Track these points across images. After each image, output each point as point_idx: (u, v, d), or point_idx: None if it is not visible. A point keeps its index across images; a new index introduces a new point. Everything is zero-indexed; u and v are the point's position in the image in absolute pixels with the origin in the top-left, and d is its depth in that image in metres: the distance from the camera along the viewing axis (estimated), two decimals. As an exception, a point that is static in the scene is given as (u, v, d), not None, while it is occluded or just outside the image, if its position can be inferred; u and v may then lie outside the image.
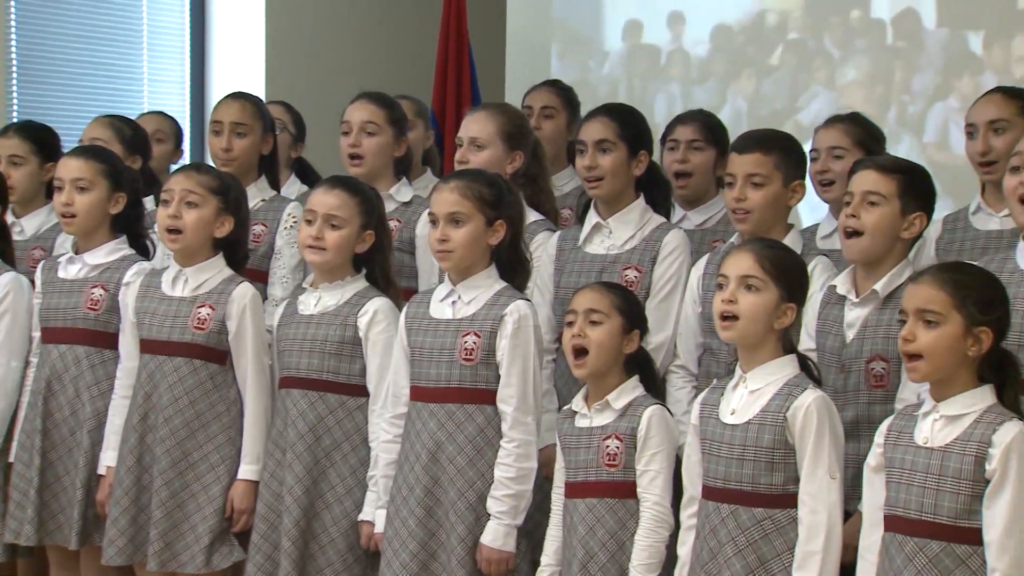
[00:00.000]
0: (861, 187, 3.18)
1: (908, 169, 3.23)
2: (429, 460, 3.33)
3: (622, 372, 3.23)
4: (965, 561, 2.66)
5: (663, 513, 3.11)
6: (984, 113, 3.65)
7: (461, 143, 3.87)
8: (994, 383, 2.73)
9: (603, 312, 3.19)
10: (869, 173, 3.18)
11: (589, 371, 3.21)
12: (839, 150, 3.80)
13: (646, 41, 5.97)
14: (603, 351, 3.18)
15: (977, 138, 3.64)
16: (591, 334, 3.18)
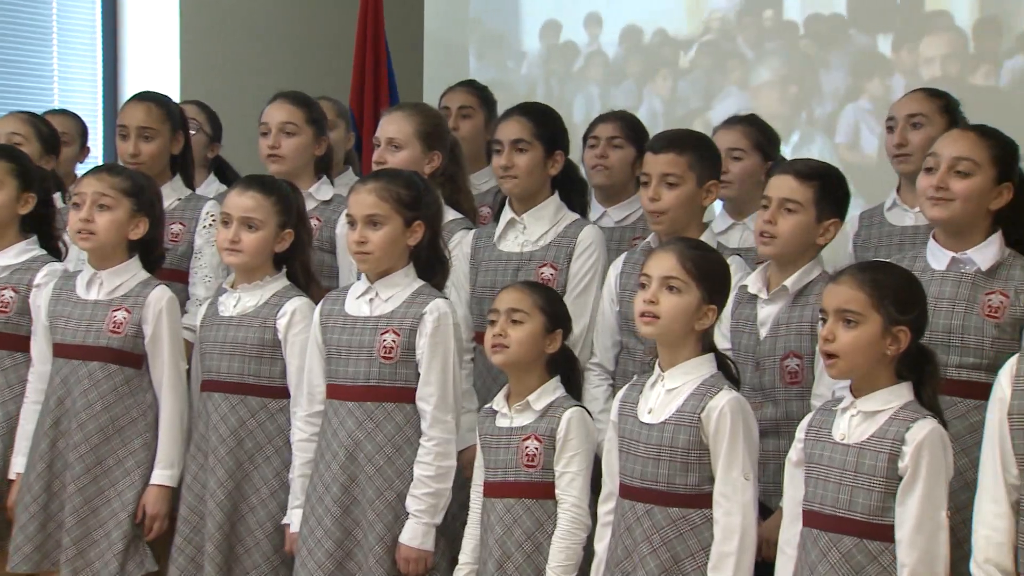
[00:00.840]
0: (778, 193, 3.22)
1: (825, 175, 3.27)
2: (347, 459, 3.32)
3: (544, 372, 3.24)
4: (877, 557, 2.69)
5: (581, 515, 3.13)
6: (904, 108, 3.75)
7: (379, 143, 3.87)
8: (912, 380, 2.77)
9: (525, 311, 3.20)
10: (787, 179, 3.23)
11: (506, 360, 3.21)
12: (737, 151, 3.86)
13: (564, 42, 6.00)
14: (523, 348, 3.20)
15: (896, 131, 3.72)
16: (512, 333, 3.19)
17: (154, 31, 6.20)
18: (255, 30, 6.32)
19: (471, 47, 6.23)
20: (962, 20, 4.91)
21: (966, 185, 3.05)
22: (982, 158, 3.06)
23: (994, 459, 2.68)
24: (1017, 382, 2.66)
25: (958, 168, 3.06)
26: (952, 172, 3.06)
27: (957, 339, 3.04)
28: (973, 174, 3.05)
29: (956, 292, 3.07)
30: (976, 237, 3.09)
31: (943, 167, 3.07)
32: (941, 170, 3.07)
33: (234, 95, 5.42)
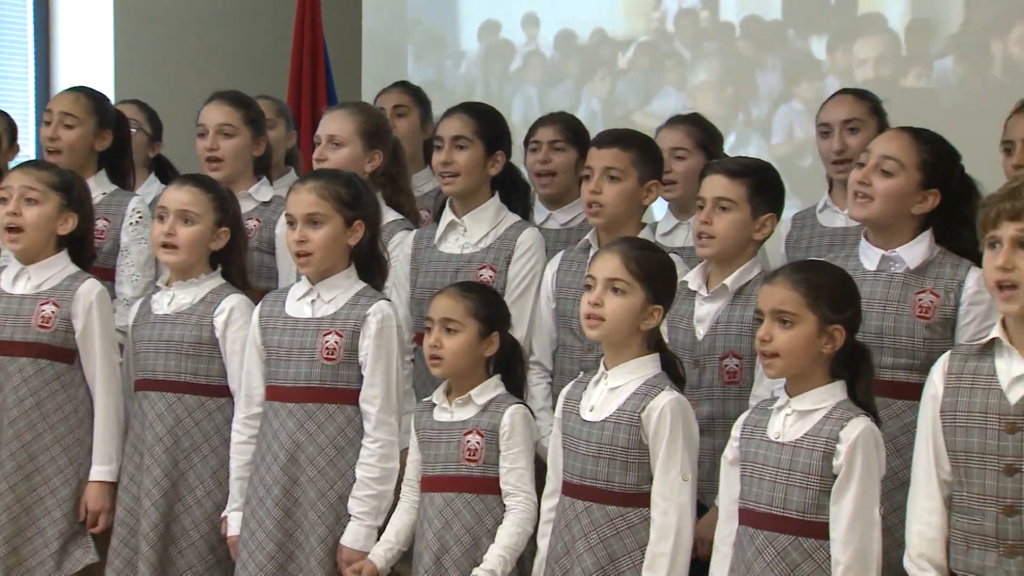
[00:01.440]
0: (712, 193, 3.24)
1: (757, 171, 3.30)
2: (288, 461, 3.30)
3: (484, 372, 3.24)
4: (812, 555, 2.72)
5: (533, 507, 3.13)
6: (838, 113, 3.77)
7: (319, 141, 3.85)
8: (846, 378, 2.80)
9: (458, 321, 3.19)
10: (719, 179, 3.25)
11: (443, 372, 3.22)
12: (681, 151, 3.87)
13: (502, 42, 6.01)
14: (458, 359, 3.19)
15: (832, 137, 3.76)
16: (446, 343, 3.19)
17: (87, 28, 6.14)
18: (190, 27, 6.27)
19: (409, 47, 6.22)
20: (895, 22, 4.98)
21: (887, 185, 3.07)
22: (908, 161, 3.08)
23: (927, 456, 2.71)
24: (948, 379, 2.69)
25: (883, 167, 3.08)
26: (877, 170, 3.09)
27: (889, 340, 3.07)
28: (896, 175, 3.07)
29: (887, 293, 3.10)
30: (903, 237, 3.12)
31: (870, 163, 3.10)
32: (868, 166, 3.10)
33: (169, 93, 5.37)
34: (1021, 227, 2.57)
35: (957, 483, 2.68)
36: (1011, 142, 3.54)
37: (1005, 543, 2.60)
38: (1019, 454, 2.59)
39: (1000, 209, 2.60)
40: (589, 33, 5.75)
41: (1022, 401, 2.60)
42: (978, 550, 2.63)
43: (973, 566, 2.64)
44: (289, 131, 4.60)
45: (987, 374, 2.65)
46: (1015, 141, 3.52)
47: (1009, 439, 2.60)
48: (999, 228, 2.60)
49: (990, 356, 2.66)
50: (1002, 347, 2.65)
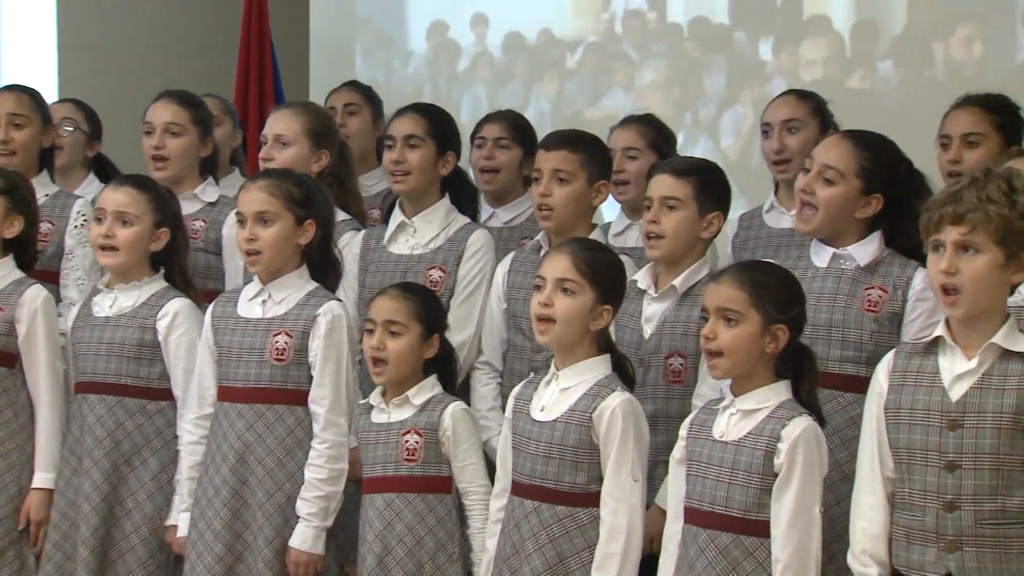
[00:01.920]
0: (659, 192, 3.26)
1: (702, 170, 3.32)
2: (237, 461, 3.29)
3: (421, 373, 3.25)
4: (752, 553, 2.74)
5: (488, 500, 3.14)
6: (778, 113, 3.80)
7: (265, 141, 3.84)
8: (790, 378, 2.83)
9: (401, 323, 3.19)
10: (665, 178, 3.27)
11: (387, 380, 3.22)
12: (633, 151, 3.89)
13: (450, 42, 6.00)
14: (402, 362, 3.20)
15: (772, 137, 3.78)
16: (390, 345, 3.18)
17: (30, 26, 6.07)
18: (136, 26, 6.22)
19: (357, 46, 6.21)
20: (839, 24, 5.02)
21: (827, 194, 3.09)
22: (847, 168, 3.09)
23: (871, 452, 2.74)
24: (893, 377, 2.72)
25: (824, 176, 3.10)
26: (819, 178, 3.11)
27: (838, 333, 3.10)
28: (836, 183, 3.09)
29: (837, 287, 3.12)
30: (851, 239, 3.15)
31: (813, 171, 3.13)
32: (811, 174, 3.12)
33: (115, 93, 5.33)
34: (963, 231, 2.60)
35: (900, 480, 2.70)
36: (948, 136, 3.59)
37: (945, 539, 2.63)
38: (960, 451, 2.62)
39: (942, 213, 2.62)
40: (537, 34, 5.76)
41: (963, 398, 2.63)
42: (919, 546, 2.66)
43: (914, 562, 2.67)
44: (235, 130, 4.57)
45: (930, 372, 2.68)
46: (952, 136, 3.57)
47: (950, 436, 2.63)
48: (941, 232, 2.62)
49: (934, 354, 2.69)
50: (945, 345, 2.68)
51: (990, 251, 2.59)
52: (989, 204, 2.58)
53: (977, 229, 2.59)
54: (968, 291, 2.60)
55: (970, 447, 2.61)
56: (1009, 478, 2.60)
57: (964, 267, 2.60)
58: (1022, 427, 2.60)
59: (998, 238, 2.59)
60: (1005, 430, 2.60)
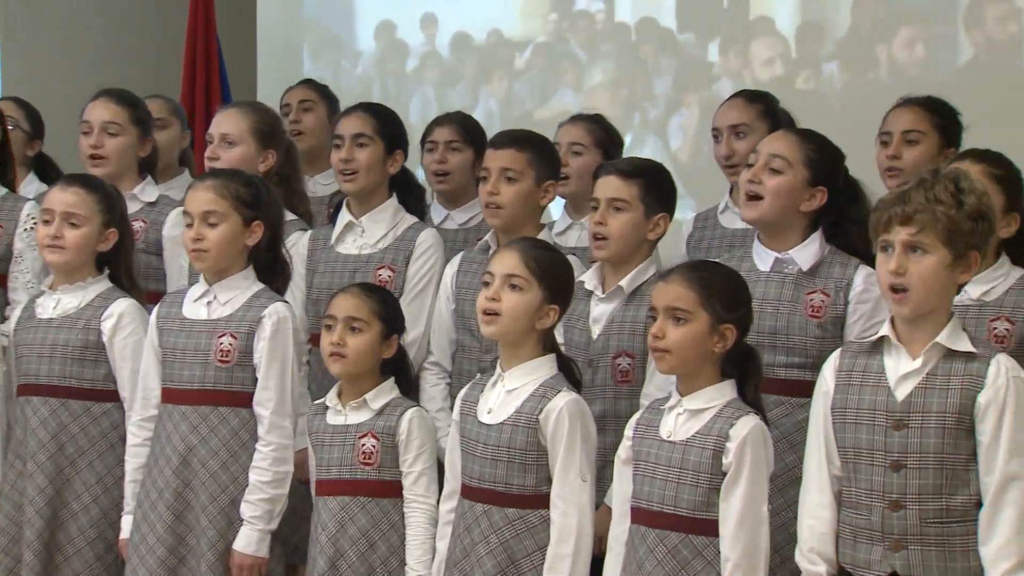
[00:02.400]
0: (606, 194, 3.27)
1: (649, 171, 3.33)
2: (180, 464, 3.27)
3: (378, 375, 3.23)
4: (702, 552, 2.75)
5: (433, 511, 3.13)
6: (727, 118, 3.81)
7: (211, 140, 3.82)
8: (736, 378, 2.84)
9: (363, 320, 3.18)
10: (612, 179, 3.28)
11: (343, 372, 3.20)
12: (578, 146, 3.89)
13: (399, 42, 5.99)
14: (361, 358, 3.18)
15: (722, 142, 3.80)
16: (351, 342, 3.17)
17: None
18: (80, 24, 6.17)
19: (305, 46, 6.18)
20: (785, 26, 5.06)
21: (775, 182, 3.13)
22: (795, 158, 3.13)
23: (819, 451, 2.75)
24: (839, 376, 2.74)
25: (771, 165, 3.14)
26: (766, 168, 3.14)
27: (782, 339, 3.12)
28: (784, 172, 3.13)
29: (780, 293, 3.15)
30: (794, 237, 3.17)
31: (759, 162, 3.15)
32: (757, 165, 3.15)
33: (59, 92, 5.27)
34: (912, 231, 2.62)
35: (846, 478, 2.72)
36: (889, 134, 3.63)
37: (891, 537, 2.65)
38: (905, 451, 2.64)
39: (891, 214, 2.64)
40: (486, 34, 5.76)
41: (908, 398, 2.65)
42: (865, 544, 2.68)
43: (860, 560, 2.68)
44: (183, 131, 4.53)
45: (876, 371, 2.70)
46: (893, 133, 3.61)
47: (896, 436, 2.65)
48: (890, 232, 2.64)
49: (879, 353, 2.71)
50: (890, 345, 2.70)
51: (938, 251, 2.62)
52: (937, 205, 2.61)
53: (925, 229, 2.61)
54: (916, 291, 2.62)
55: (915, 447, 2.63)
56: (953, 477, 2.63)
57: (913, 267, 2.62)
58: (966, 427, 2.62)
59: (945, 238, 2.61)
60: (949, 430, 2.62)
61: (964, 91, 4.32)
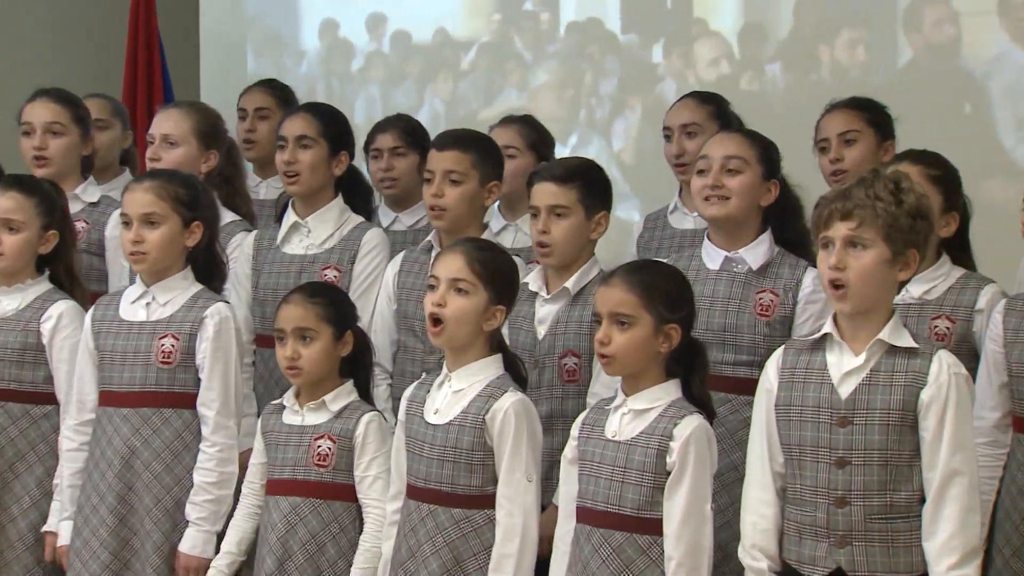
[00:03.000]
0: (544, 201, 3.26)
1: (584, 172, 3.33)
2: (122, 467, 3.24)
3: (338, 376, 3.21)
4: (646, 551, 2.76)
5: (384, 517, 3.11)
6: (678, 117, 3.84)
7: (152, 140, 3.80)
8: (682, 375, 2.85)
9: (312, 328, 3.16)
10: (548, 186, 3.27)
11: (306, 382, 3.18)
12: (511, 149, 3.90)
13: (343, 41, 5.97)
14: (318, 366, 3.16)
15: (673, 141, 3.83)
16: (304, 352, 3.15)
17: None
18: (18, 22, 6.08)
19: (249, 45, 6.14)
20: (728, 27, 5.10)
21: (739, 181, 3.17)
22: (750, 156, 3.19)
23: (762, 448, 2.77)
24: (783, 374, 2.75)
25: (730, 167, 3.18)
26: (724, 171, 3.18)
27: (731, 337, 3.15)
28: (744, 171, 3.18)
29: (729, 291, 3.17)
30: (748, 236, 3.21)
31: (715, 167, 3.18)
32: (714, 170, 3.18)
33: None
34: (852, 227, 2.65)
35: (791, 475, 2.74)
36: (826, 140, 3.67)
37: (836, 534, 2.67)
38: (849, 448, 2.66)
39: (832, 209, 2.67)
40: (431, 34, 5.76)
41: (852, 396, 2.67)
42: (810, 540, 2.70)
43: (805, 556, 2.70)
44: (125, 131, 4.48)
45: (819, 368, 2.72)
46: (830, 138, 3.66)
47: (840, 433, 2.67)
48: (831, 228, 2.67)
49: (822, 351, 2.73)
50: (833, 342, 2.72)
51: (877, 247, 2.64)
52: (877, 201, 2.64)
53: (865, 225, 2.64)
54: (856, 286, 2.65)
55: (859, 444, 2.66)
56: (896, 473, 2.65)
57: (852, 262, 2.65)
58: (909, 423, 2.65)
59: (885, 234, 2.64)
60: (893, 426, 2.65)
61: (904, 92, 4.39)
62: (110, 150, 4.26)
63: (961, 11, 4.62)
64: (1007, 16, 4.53)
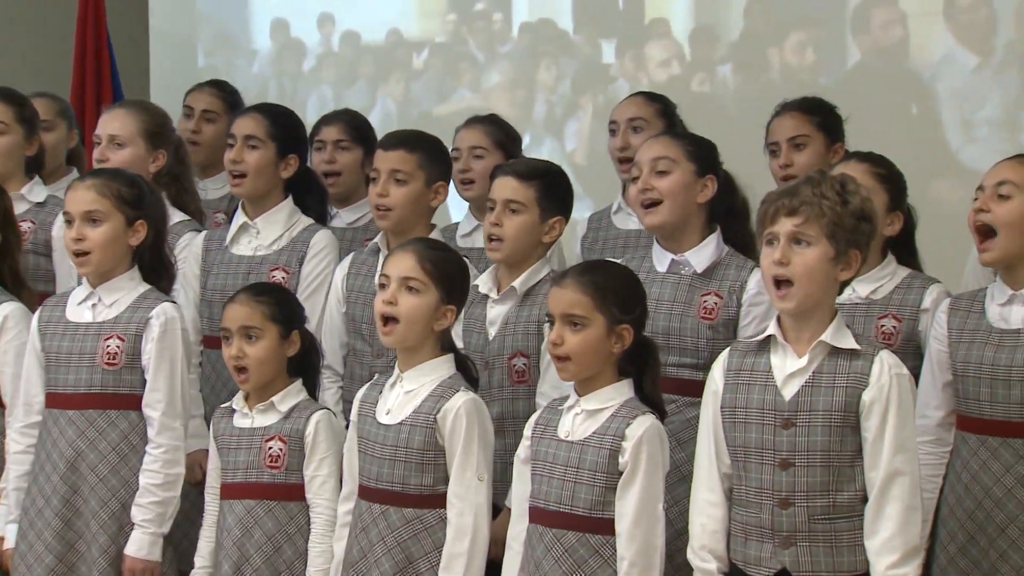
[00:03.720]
0: (502, 195, 3.27)
1: (546, 173, 3.34)
2: (68, 469, 3.22)
3: (285, 375, 3.20)
4: (598, 550, 2.76)
5: (335, 516, 3.10)
6: (625, 112, 3.87)
7: (99, 141, 3.77)
8: (634, 374, 2.86)
9: (257, 327, 3.15)
10: (508, 180, 3.28)
11: (253, 387, 3.18)
12: (479, 150, 3.90)
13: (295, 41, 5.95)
14: (264, 366, 3.15)
15: (618, 135, 3.85)
16: (249, 352, 3.14)
17: None
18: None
19: (199, 44, 6.11)
20: (679, 28, 5.12)
21: (668, 182, 3.17)
22: (677, 155, 3.19)
23: (709, 450, 2.78)
24: (728, 375, 2.77)
25: (657, 168, 3.18)
26: (653, 173, 3.19)
27: (675, 340, 3.16)
28: (672, 171, 3.18)
29: (675, 294, 3.19)
30: (693, 237, 3.22)
31: (645, 171, 3.20)
32: (644, 174, 3.20)
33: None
34: (797, 222, 2.66)
35: (736, 477, 2.75)
36: (776, 143, 3.69)
37: (780, 535, 2.69)
38: (793, 449, 2.68)
39: (778, 206, 2.69)
40: (384, 34, 5.75)
41: (796, 397, 2.69)
42: (756, 541, 2.72)
43: (751, 557, 2.72)
44: (70, 131, 4.44)
45: (763, 370, 2.73)
46: (780, 142, 3.68)
47: (784, 434, 2.69)
48: (776, 224, 2.69)
49: (766, 352, 2.75)
50: (777, 344, 2.74)
51: (821, 244, 2.66)
52: (823, 200, 2.66)
53: (810, 222, 2.66)
54: (799, 283, 2.67)
55: (802, 445, 2.68)
56: (839, 474, 2.67)
57: (796, 259, 2.66)
58: (851, 424, 2.67)
59: (829, 232, 2.66)
60: (835, 427, 2.67)
61: (852, 93, 4.43)
62: (56, 150, 4.21)
63: (908, 13, 4.67)
64: (953, 19, 4.58)
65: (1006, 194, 2.97)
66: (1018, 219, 2.95)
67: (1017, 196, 2.96)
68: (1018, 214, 2.96)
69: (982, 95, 4.54)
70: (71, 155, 4.43)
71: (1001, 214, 2.96)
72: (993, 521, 2.94)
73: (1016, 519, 2.92)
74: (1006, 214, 2.96)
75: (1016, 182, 2.97)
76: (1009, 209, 2.96)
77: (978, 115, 4.56)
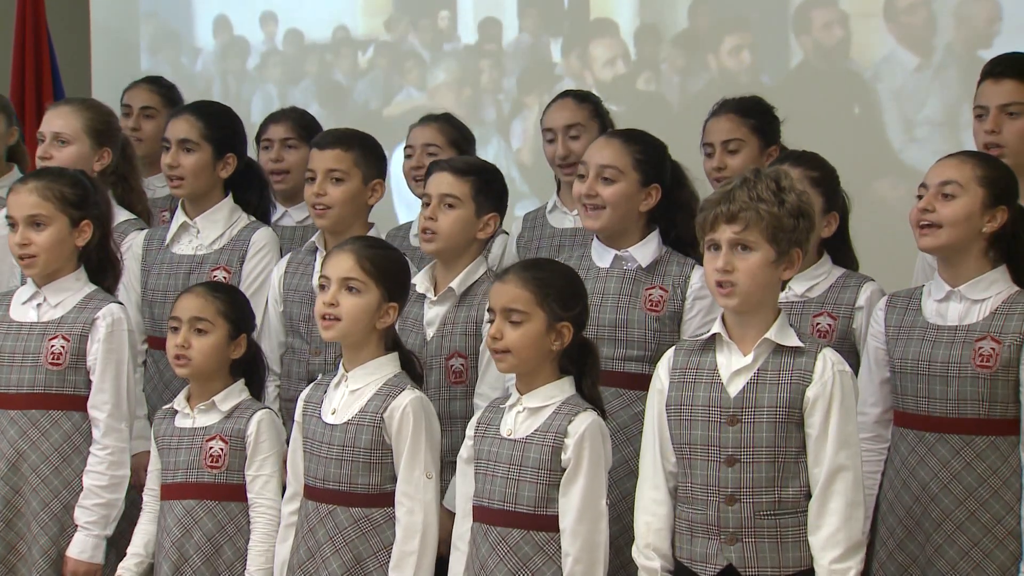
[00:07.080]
0: (438, 189, 3.28)
1: (482, 170, 3.35)
2: (9, 470, 3.20)
3: (227, 375, 3.19)
4: (543, 547, 2.78)
5: (277, 517, 3.09)
6: (559, 119, 3.82)
7: (43, 139, 3.73)
8: (574, 373, 2.87)
9: (208, 320, 3.13)
10: (445, 176, 3.29)
11: (190, 374, 3.16)
12: (433, 147, 3.89)
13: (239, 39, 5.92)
14: (207, 359, 3.14)
15: (557, 143, 3.83)
16: (195, 343, 3.12)
17: None
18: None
19: (143, 41, 6.06)
20: (624, 27, 5.15)
21: (613, 191, 3.19)
22: (624, 164, 3.20)
23: (654, 448, 2.80)
24: (674, 374, 2.79)
25: (604, 175, 3.19)
26: (599, 180, 3.20)
27: (622, 333, 3.18)
28: (618, 180, 3.19)
29: (620, 288, 3.20)
30: (633, 237, 3.24)
31: (591, 175, 3.21)
32: (589, 178, 3.20)
33: None
34: (737, 229, 2.69)
35: (682, 474, 2.77)
36: (711, 145, 3.70)
37: (726, 531, 2.71)
38: (739, 446, 2.70)
39: (716, 212, 2.70)
40: (330, 32, 5.73)
41: (741, 394, 2.71)
42: (701, 538, 2.73)
43: (697, 554, 2.74)
44: (10, 127, 4.38)
45: (709, 368, 2.75)
46: (714, 144, 3.69)
47: (730, 431, 2.71)
48: (716, 231, 2.71)
49: (712, 351, 2.77)
50: (722, 342, 2.76)
51: (762, 248, 2.69)
52: (760, 203, 2.68)
53: (750, 227, 2.68)
54: (743, 286, 2.69)
55: (748, 441, 2.70)
56: (784, 470, 2.70)
57: (739, 264, 2.69)
58: (796, 420, 2.69)
59: (769, 236, 2.68)
60: (780, 424, 2.69)
61: (794, 92, 4.48)
62: (-4, 147, 4.16)
63: (849, 13, 4.72)
64: (893, 20, 4.64)
65: (951, 193, 2.98)
66: (962, 219, 2.96)
67: (961, 196, 2.97)
68: (963, 214, 2.96)
69: (923, 95, 4.60)
70: (12, 152, 4.37)
71: (946, 214, 2.96)
72: (929, 516, 2.97)
73: (951, 514, 2.95)
74: (951, 215, 2.96)
75: (960, 181, 2.98)
76: (954, 209, 2.96)
77: (919, 115, 4.62)
